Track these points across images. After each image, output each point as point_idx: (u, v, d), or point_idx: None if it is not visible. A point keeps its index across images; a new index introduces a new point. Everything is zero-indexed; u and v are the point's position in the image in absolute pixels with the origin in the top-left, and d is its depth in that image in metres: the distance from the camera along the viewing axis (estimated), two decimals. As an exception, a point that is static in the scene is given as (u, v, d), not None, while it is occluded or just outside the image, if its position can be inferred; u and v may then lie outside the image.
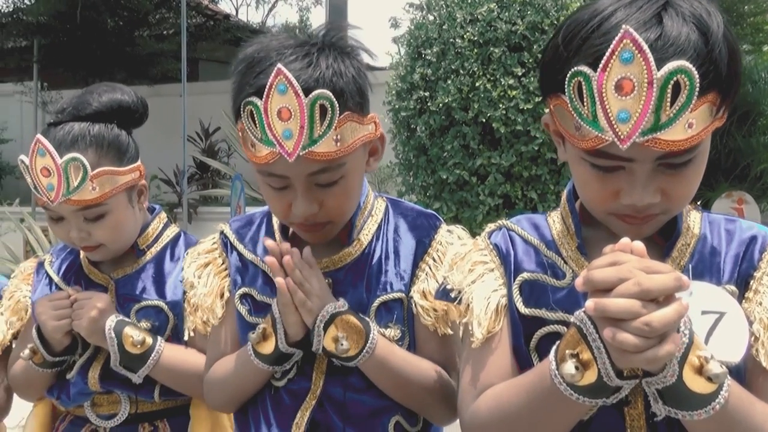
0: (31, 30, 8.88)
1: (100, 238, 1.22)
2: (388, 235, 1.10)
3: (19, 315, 1.32)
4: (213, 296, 1.13)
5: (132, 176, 1.25)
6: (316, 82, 0.94)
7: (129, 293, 1.27)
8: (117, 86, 1.28)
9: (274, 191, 1.01)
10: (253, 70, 0.96)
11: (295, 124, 0.93)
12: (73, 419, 1.30)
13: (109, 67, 9.06)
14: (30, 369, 1.25)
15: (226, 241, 1.16)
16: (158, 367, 1.22)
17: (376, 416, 1.05)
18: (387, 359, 1.01)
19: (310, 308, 0.99)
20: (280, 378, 1.06)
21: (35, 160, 1.17)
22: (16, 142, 10.17)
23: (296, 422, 1.03)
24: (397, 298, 1.06)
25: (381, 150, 1.08)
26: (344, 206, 1.04)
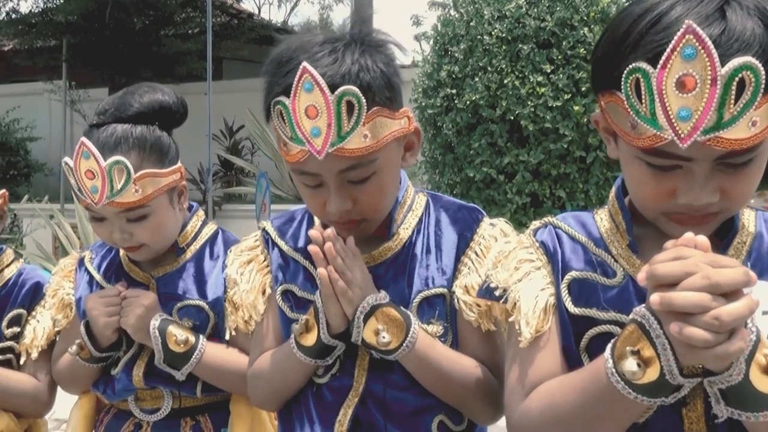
0: (60, 29, 9.02)
1: (142, 238, 1.23)
2: (429, 229, 1.09)
3: (64, 312, 1.34)
4: (255, 293, 1.14)
5: (173, 177, 1.26)
6: (342, 78, 0.94)
7: (170, 292, 1.28)
8: (157, 86, 1.28)
9: (308, 189, 1.01)
10: (281, 70, 0.97)
11: (322, 121, 0.93)
12: (117, 412, 1.32)
13: (135, 66, 9.17)
14: (76, 364, 1.26)
15: (268, 237, 1.16)
16: (201, 365, 1.23)
17: (419, 415, 1.04)
18: (428, 354, 1.00)
19: (350, 298, 0.99)
20: (323, 375, 1.06)
21: (79, 162, 1.18)
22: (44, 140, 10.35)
23: (339, 419, 1.03)
24: (440, 293, 1.05)
25: (417, 145, 1.07)
26: (378, 203, 1.03)
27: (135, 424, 1.29)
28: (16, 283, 1.43)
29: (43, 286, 1.44)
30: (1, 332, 1.38)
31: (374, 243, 1.08)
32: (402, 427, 1.03)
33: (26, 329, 1.39)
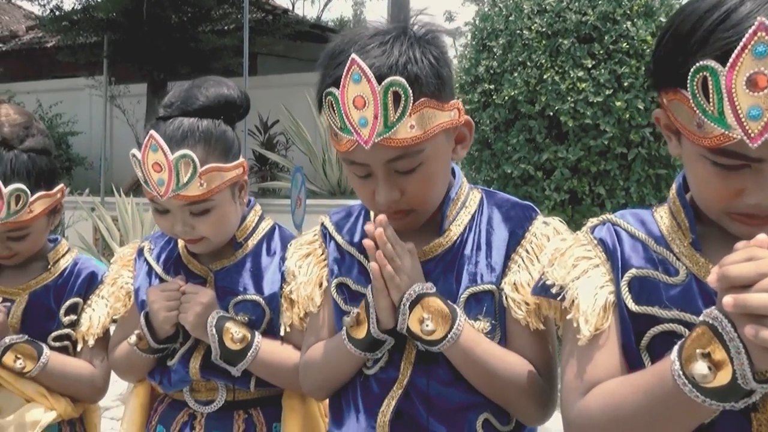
0: (101, 26, 9.21)
1: (203, 231, 1.24)
2: (480, 226, 1.09)
3: (123, 301, 1.36)
4: (312, 285, 1.15)
5: (236, 172, 1.27)
6: (389, 70, 0.96)
7: (228, 286, 1.29)
8: (222, 80, 1.30)
9: (358, 179, 1.04)
10: (333, 62, 1.00)
11: (369, 111, 0.95)
12: (172, 402, 1.34)
13: (173, 62, 9.32)
14: (133, 353, 1.29)
15: (326, 231, 1.18)
16: (256, 362, 1.24)
17: (463, 411, 1.04)
18: (473, 349, 1.00)
19: (397, 284, 0.99)
20: (371, 366, 1.07)
21: (147, 155, 1.20)
22: (85, 134, 10.59)
23: (381, 410, 1.04)
24: (488, 290, 1.05)
25: (469, 137, 1.08)
26: (426, 193, 1.04)
27: (189, 415, 1.31)
28: (72, 272, 1.47)
29: (98, 275, 1.48)
30: (59, 320, 1.43)
31: (426, 239, 1.08)
32: (445, 422, 1.03)
33: (82, 317, 1.44)
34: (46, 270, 1.45)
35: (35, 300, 1.42)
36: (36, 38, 12.64)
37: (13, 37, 13.16)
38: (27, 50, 12.44)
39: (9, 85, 10.27)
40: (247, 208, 1.36)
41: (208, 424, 1.29)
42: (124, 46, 9.31)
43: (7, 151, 1.33)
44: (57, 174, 1.44)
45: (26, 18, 14.23)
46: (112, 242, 5.81)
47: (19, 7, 15.31)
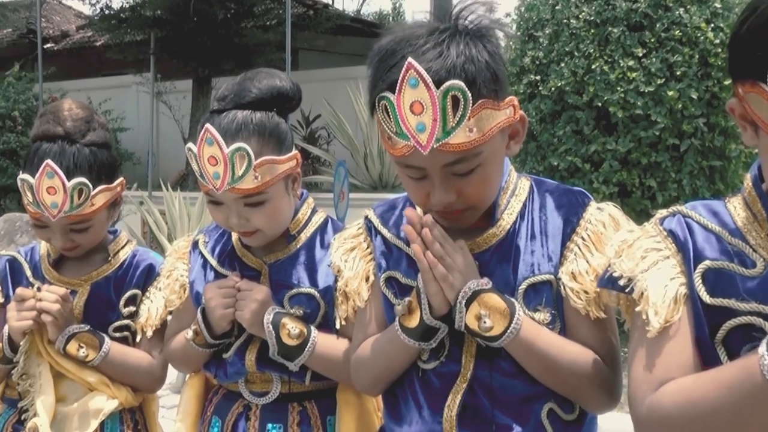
0: (148, 24, 9.40)
1: (258, 224, 1.25)
2: (533, 214, 1.07)
3: (178, 293, 1.38)
4: (359, 280, 1.15)
5: (290, 164, 1.27)
6: (447, 73, 0.93)
7: (283, 279, 1.30)
8: (274, 72, 1.29)
9: (412, 181, 1.01)
10: (386, 64, 0.97)
11: (428, 117, 0.93)
12: (227, 393, 1.35)
13: (217, 57, 9.45)
14: (189, 347, 1.30)
15: (371, 225, 1.17)
16: (313, 357, 1.24)
17: (528, 402, 1.02)
18: (534, 342, 0.99)
19: (451, 283, 0.98)
20: (428, 360, 1.06)
21: (203, 148, 1.20)
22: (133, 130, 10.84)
23: (448, 405, 1.03)
24: (546, 280, 1.03)
25: (522, 132, 1.05)
26: (483, 193, 1.02)
27: (244, 406, 1.32)
28: (131, 264, 1.50)
29: (155, 267, 1.50)
30: (119, 311, 1.46)
31: (476, 230, 1.06)
32: (510, 414, 1.02)
33: (141, 309, 1.46)
34: (107, 262, 1.48)
35: (97, 291, 1.45)
36: (86, 37, 12.99)
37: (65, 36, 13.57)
38: (77, 49, 12.80)
39: (61, 83, 10.58)
40: (299, 200, 1.36)
41: (262, 415, 1.30)
42: (170, 43, 9.48)
43: (70, 146, 1.36)
44: (117, 167, 1.47)
45: (77, 18, 14.66)
46: (159, 235, 5.93)
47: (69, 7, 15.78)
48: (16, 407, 1.39)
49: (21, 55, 11.63)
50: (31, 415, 1.35)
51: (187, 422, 1.37)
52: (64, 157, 1.34)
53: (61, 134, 1.36)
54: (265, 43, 9.51)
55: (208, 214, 4.83)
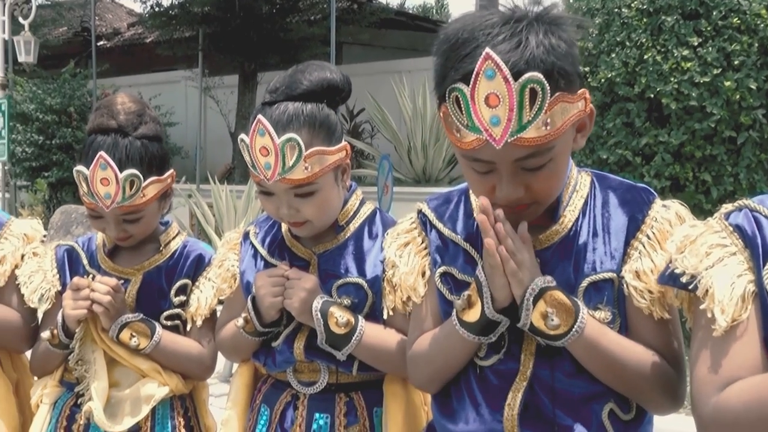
0: (196, 20, 9.59)
1: (308, 214, 1.25)
2: (595, 211, 1.04)
3: (228, 283, 1.40)
4: (415, 275, 1.13)
5: (339, 156, 1.27)
6: (526, 65, 0.89)
7: (331, 269, 1.30)
8: (325, 65, 1.30)
9: (477, 175, 0.99)
10: (458, 53, 0.93)
11: (503, 110, 0.89)
12: (275, 382, 1.36)
13: (263, 52, 9.57)
14: (239, 336, 1.32)
15: (425, 219, 1.15)
16: (360, 346, 1.24)
17: (588, 402, 1.00)
18: (598, 341, 0.96)
19: (520, 279, 0.95)
20: (486, 357, 1.04)
21: (255, 139, 1.22)
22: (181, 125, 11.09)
23: (508, 403, 1.01)
24: (608, 278, 1.00)
25: (589, 126, 1.02)
26: (551, 188, 0.99)
27: (292, 395, 1.33)
28: (182, 254, 1.52)
29: (205, 258, 1.52)
30: (170, 300, 1.48)
31: (535, 226, 1.03)
32: (571, 414, 1.00)
33: (191, 298, 1.49)
34: (158, 252, 1.51)
35: (148, 280, 1.48)
36: (136, 34, 13.35)
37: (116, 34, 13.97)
38: (128, 46, 13.16)
39: (113, 79, 10.89)
40: (348, 192, 1.37)
41: (310, 404, 1.31)
42: (217, 38, 9.66)
43: (122, 138, 1.39)
44: (167, 160, 1.49)
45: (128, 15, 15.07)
46: (207, 227, 6.04)
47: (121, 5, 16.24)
48: (73, 390, 1.43)
49: (75, 52, 12.03)
50: (86, 399, 1.39)
51: (237, 410, 1.39)
52: (116, 149, 1.37)
53: (115, 127, 1.39)
54: (309, 37, 9.59)
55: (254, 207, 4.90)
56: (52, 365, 1.46)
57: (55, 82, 9.86)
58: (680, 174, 4.12)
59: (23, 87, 9.80)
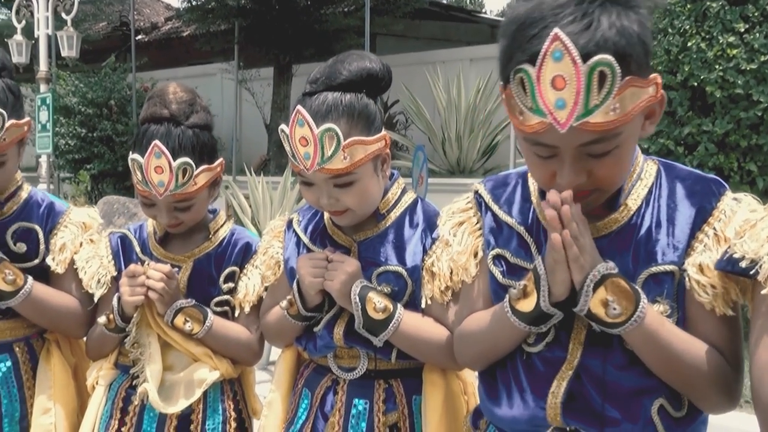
0: (232, 13, 9.68)
1: (347, 203, 1.27)
2: (660, 201, 1.01)
3: (273, 270, 1.43)
4: (467, 255, 1.13)
5: (378, 145, 1.28)
6: (596, 47, 0.86)
7: (371, 257, 1.31)
8: (365, 54, 1.31)
9: (538, 159, 0.97)
10: (525, 34, 0.90)
11: (569, 93, 0.87)
12: (317, 367, 1.39)
13: (298, 44, 9.62)
14: (284, 320, 1.34)
15: (481, 200, 1.15)
16: (397, 334, 1.25)
17: (638, 396, 0.98)
18: (657, 332, 0.94)
19: (582, 265, 0.93)
20: (534, 344, 1.04)
21: (295, 129, 1.23)
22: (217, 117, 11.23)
23: (552, 391, 1.01)
24: (669, 270, 0.98)
25: (659, 113, 0.98)
26: (615, 175, 0.96)
27: (333, 380, 1.35)
28: (230, 242, 1.56)
29: (252, 246, 1.55)
30: (219, 287, 1.52)
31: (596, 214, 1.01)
32: (619, 407, 0.98)
33: (239, 285, 1.52)
34: (208, 239, 1.54)
35: (199, 267, 1.51)
36: (173, 28, 13.54)
37: (154, 28, 14.20)
38: (165, 40, 13.36)
39: (152, 72, 11.09)
40: (390, 181, 1.37)
41: (350, 390, 1.33)
42: (253, 31, 9.74)
43: (175, 127, 1.42)
44: (217, 149, 1.52)
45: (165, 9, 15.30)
46: (243, 217, 6.12)
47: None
48: (128, 373, 1.48)
49: (115, 46, 12.28)
50: (141, 381, 1.43)
51: (280, 393, 1.43)
52: (170, 138, 1.40)
53: (167, 116, 1.43)
54: (344, 29, 9.59)
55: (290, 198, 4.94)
56: (108, 348, 1.51)
57: (96, 76, 10.08)
58: (724, 164, 4.03)
59: (66, 81, 10.04)
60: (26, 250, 1.51)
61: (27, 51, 9.46)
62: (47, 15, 8.99)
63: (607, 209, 1.02)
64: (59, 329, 1.57)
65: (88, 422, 1.48)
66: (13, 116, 1.44)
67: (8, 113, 1.42)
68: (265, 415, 1.44)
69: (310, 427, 1.36)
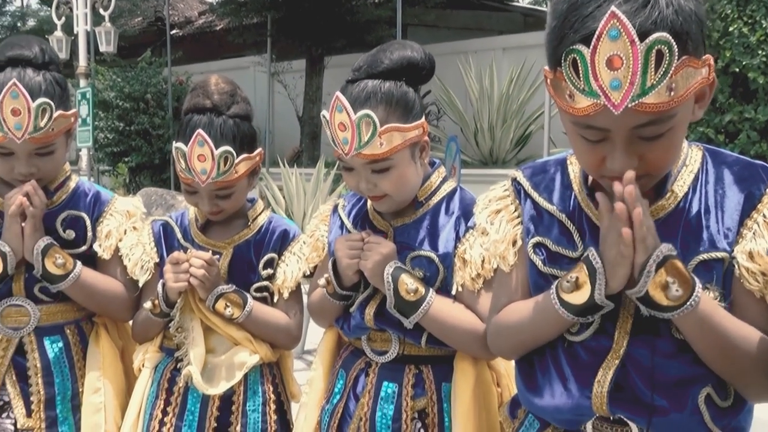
0: (265, 6, 9.76)
1: (385, 189, 1.30)
2: (707, 187, 1.00)
3: (318, 252, 1.48)
4: (506, 243, 1.13)
5: (416, 133, 1.29)
6: (654, 25, 0.84)
7: (405, 241, 1.34)
8: (407, 43, 1.33)
9: (587, 143, 0.95)
10: (578, 13, 0.88)
11: (625, 73, 0.85)
12: (353, 350, 1.43)
13: (330, 36, 9.65)
14: (325, 299, 1.39)
15: (520, 188, 1.14)
16: (427, 317, 1.27)
17: (685, 385, 0.97)
18: (711, 317, 0.93)
19: (647, 246, 0.90)
20: (577, 333, 1.03)
21: (334, 115, 1.27)
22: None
23: (598, 380, 1.00)
24: (719, 257, 0.96)
25: (709, 96, 0.96)
26: (667, 160, 0.95)
27: (366, 363, 1.39)
28: (268, 229, 1.59)
29: (290, 233, 1.59)
30: (259, 273, 1.55)
31: None
32: (666, 396, 0.97)
33: (278, 272, 1.55)
34: (247, 227, 1.58)
35: (239, 253, 1.55)
36: (207, 22, 13.73)
37: (188, 22, 14.41)
38: (199, 34, 13.56)
39: (186, 66, 11.26)
40: (431, 169, 1.39)
41: (380, 373, 1.36)
42: (285, 23, 9.80)
43: (217, 117, 1.46)
44: (256, 138, 1.56)
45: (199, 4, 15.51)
46: (277, 208, 6.20)
47: (192, -6, 16.71)
48: (173, 356, 1.53)
49: (150, 41, 12.50)
50: (185, 364, 1.47)
51: (321, 371, 1.48)
52: (212, 127, 1.44)
53: (209, 107, 1.46)
54: (375, 20, 9.59)
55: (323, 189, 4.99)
56: (153, 332, 1.56)
57: (133, 70, 10.28)
58: (767, 152, 3.93)
59: (104, 76, 10.27)
60: (74, 237, 1.57)
61: (67, 47, 9.69)
62: (86, 11, 9.19)
63: (654, 195, 1.00)
64: (106, 312, 1.63)
65: (135, 403, 1.54)
66: (60, 107, 1.49)
67: (56, 104, 1.48)
68: (306, 392, 1.49)
69: (342, 406, 1.40)
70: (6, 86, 1.42)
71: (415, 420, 1.34)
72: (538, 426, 1.11)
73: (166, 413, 1.50)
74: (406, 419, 1.32)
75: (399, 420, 1.32)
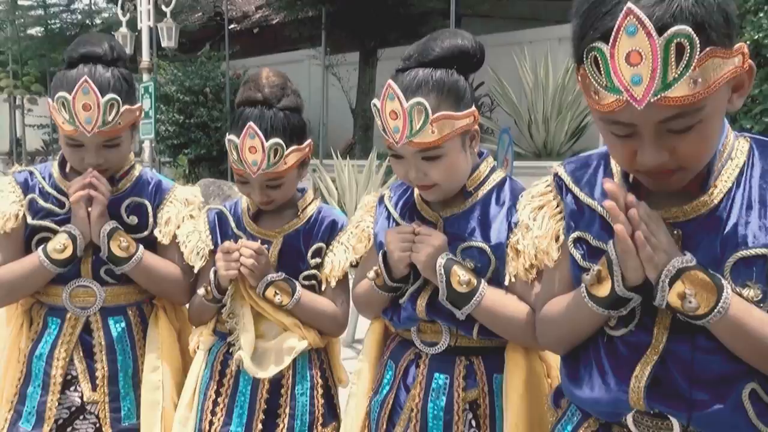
0: (320, 0, 9.86)
1: (435, 178, 1.30)
2: (752, 181, 0.97)
3: (364, 243, 1.50)
4: (549, 239, 1.13)
5: (467, 121, 1.30)
6: (672, 18, 0.83)
7: (456, 232, 1.34)
8: (458, 32, 1.33)
9: (617, 139, 0.95)
10: (597, 11, 0.88)
11: (645, 68, 0.85)
12: (402, 341, 1.44)
13: (383, 29, 9.67)
14: (372, 291, 1.40)
15: (561, 183, 1.14)
16: (480, 309, 1.28)
17: (727, 382, 0.95)
18: (744, 321, 0.91)
19: (656, 264, 0.92)
20: (616, 327, 1.03)
21: (385, 103, 1.28)
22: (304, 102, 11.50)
23: (636, 375, 0.99)
24: (760, 254, 0.94)
25: (748, 84, 0.94)
26: (700, 153, 0.93)
27: (416, 354, 1.40)
28: (317, 219, 1.63)
29: (338, 223, 1.62)
30: (307, 262, 1.60)
31: (684, 195, 0.98)
32: (708, 392, 0.96)
33: (326, 261, 1.59)
34: (296, 216, 1.63)
35: (288, 242, 1.60)
36: (263, 17, 13.96)
37: (245, 17, 14.69)
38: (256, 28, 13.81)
39: (243, 60, 11.51)
40: (479, 158, 1.39)
41: (431, 364, 1.37)
42: (339, 17, 9.88)
43: (267, 109, 1.51)
44: (306, 130, 1.60)
45: (256, -2, 15.79)
46: (330, 199, 6.29)
47: (249, -11, 17.03)
48: (225, 339, 1.59)
49: (208, 36, 12.81)
50: (237, 348, 1.54)
51: (368, 363, 1.50)
52: (263, 120, 1.49)
53: (260, 99, 1.51)
54: (429, 11, 9.55)
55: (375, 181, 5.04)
56: (207, 317, 1.63)
57: (193, 64, 10.59)
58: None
59: (165, 70, 10.62)
60: (137, 223, 1.66)
61: (131, 43, 10.05)
62: (149, 8, 9.50)
63: (698, 189, 0.99)
64: (165, 295, 1.71)
65: (190, 383, 1.62)
66: (126, 102, 1.58)
67: (123, 99, 1.56)
68: (353, 383, 1.52)
69: (392, 398, 1.41)
70: (78, 83, 1.51)
71: (467, 411, 1.34)
72: (580, 416, 1.12)
73: (219, 394, 1.57)
74: (458, 411, 1.33)
75: (450, 411, 1.33)
